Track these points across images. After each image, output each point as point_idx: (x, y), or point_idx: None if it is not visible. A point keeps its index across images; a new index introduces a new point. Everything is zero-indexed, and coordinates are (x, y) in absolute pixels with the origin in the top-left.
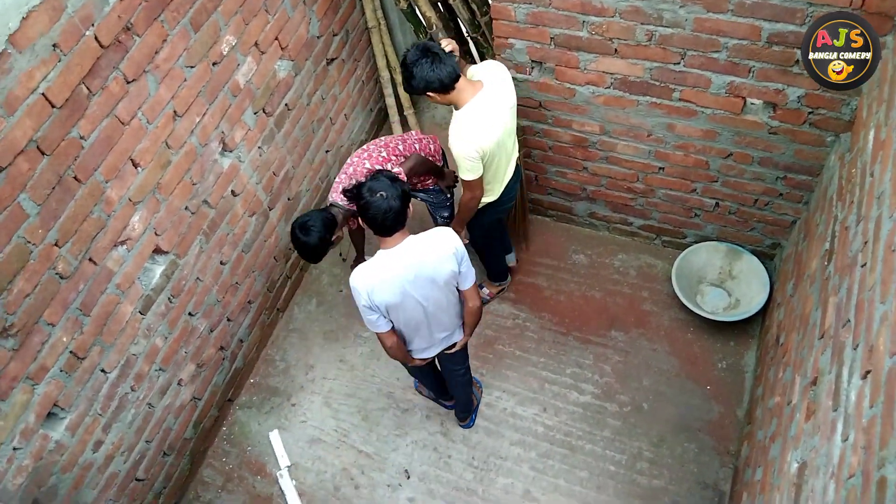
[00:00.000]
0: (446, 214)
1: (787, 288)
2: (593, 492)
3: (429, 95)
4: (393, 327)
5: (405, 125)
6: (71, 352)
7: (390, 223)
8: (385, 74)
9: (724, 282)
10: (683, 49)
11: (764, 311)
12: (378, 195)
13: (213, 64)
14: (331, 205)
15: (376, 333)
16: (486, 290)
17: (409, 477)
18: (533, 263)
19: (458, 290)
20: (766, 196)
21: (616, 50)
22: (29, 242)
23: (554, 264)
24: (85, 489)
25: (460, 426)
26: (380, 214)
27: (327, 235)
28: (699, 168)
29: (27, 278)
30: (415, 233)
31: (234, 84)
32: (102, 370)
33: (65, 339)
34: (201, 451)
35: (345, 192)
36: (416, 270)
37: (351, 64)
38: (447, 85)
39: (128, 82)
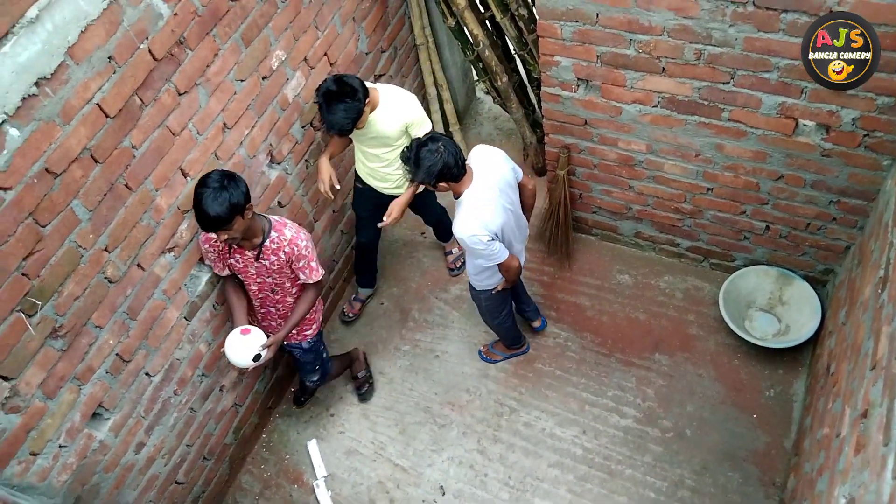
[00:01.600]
0: (315, 378)
1: (839, 315)
2: None
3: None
4: None
5: None
6: (117, 354)
7: (463, 160)
8: (432, 91)
9: (774, 307)
10: (733, 68)
11: (815, 338)
12: (439, 149)
13: (263, 78)
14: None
15: (501, 265)
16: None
17: (444, 493)
18: (576, 283)
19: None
20: (819, 220)
21: (664, 68)
22: (80, 247)
23: (597, 284)
24: (126, 489)
25: (534, 329)
26: (456, 159)
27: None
28: (749, 190)
29: (77, 281)
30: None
31: (282, 98)
32: (147, 373)
33: (111, 342)
34: (240, 457)
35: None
36: (498, 184)
37: (398, 80)
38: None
39: (179, 94)
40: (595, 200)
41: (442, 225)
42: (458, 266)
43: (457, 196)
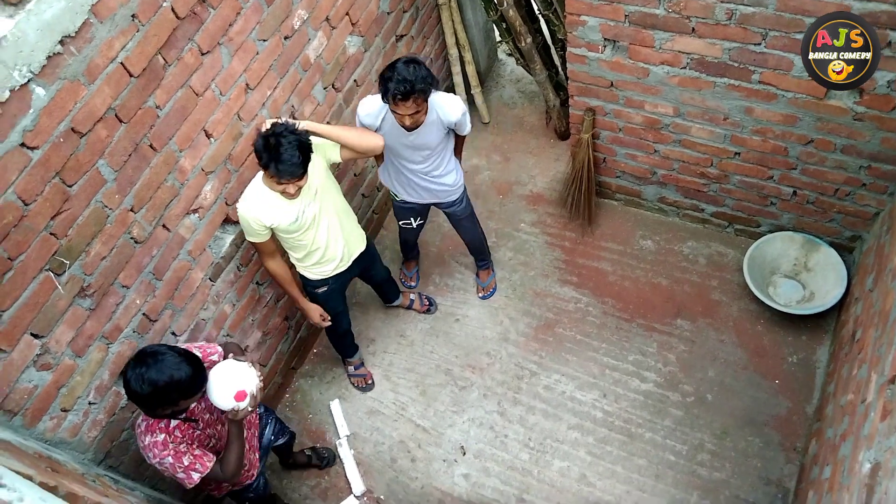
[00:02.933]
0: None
1: (866, 282)
2: (651, 480)
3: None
4: None
5: (472, 104)
6: (143, 314)
7: None
8: (454, 52)
9: (799, 274)
10: (765, 29)
11: (840, 305)
12: (413, 63)
13: (285, 38)
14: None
15: None
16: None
17: (464, 453)
18: (598, 248)
19: None
20: (848, 186)
21: (694, 29)
22: (106, 207)
23: (620, 249)
24: None
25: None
26: None
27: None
28: (777, 154)
29: (104, 241)
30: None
31: (304, 58)
32: (173, 333)
33: (138, 302)
34: None
35: (408, 90)
36: None
37: (420, 41)
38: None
39: (202, 54)
40: (619, 165)
41: (389, 282)
42: (430, 303)
43: None
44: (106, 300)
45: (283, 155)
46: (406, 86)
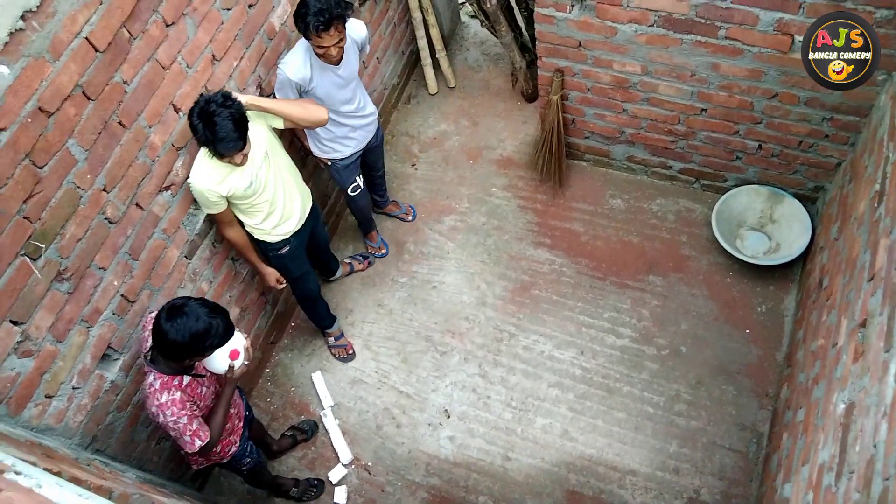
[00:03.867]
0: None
1: (830, 231)
2: (631, 432)
3: None
4: None
5: (437, 68)
6: (122, 295)
7: None
8: (417, 15)
9: (765, 226)
10: None
11: (805, 255)
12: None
13: (249, 6)
14: None
15: None
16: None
17: (449, 417)
18: (569, 209)
19: None
20: (811, 138)
21: None
22: (79, 188)
23: (591, 209)
24: (139, 427)
25: None
26: None
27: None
28: (743, 109)
29: (78, 223)
30: None
31: (269, 27)
32: (152, 313)
33: (116, 283)
34: (246, 391)
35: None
36: None
37: (383, 5)
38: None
39: (167, 25)
40: (588, 125)
41: (329, 250)
42: (366, 258)
43: None
44: (84, 283)
45: (219, 133)
46: (325, 15)
